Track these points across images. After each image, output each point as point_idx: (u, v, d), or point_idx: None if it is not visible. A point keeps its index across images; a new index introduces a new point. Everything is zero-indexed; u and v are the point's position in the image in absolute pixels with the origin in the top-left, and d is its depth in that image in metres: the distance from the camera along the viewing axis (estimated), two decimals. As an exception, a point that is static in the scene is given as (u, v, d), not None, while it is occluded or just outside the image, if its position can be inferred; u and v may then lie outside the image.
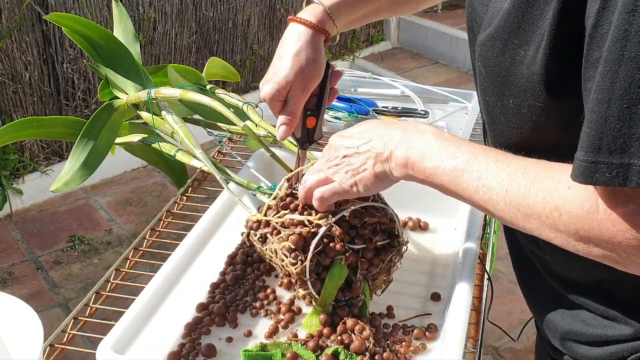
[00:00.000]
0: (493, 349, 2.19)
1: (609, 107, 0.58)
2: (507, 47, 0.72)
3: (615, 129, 0.58)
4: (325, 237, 0.87)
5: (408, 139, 0.78)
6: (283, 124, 0.97)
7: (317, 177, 0.86)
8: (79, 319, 0.96)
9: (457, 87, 1.65)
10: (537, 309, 0.91)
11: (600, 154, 0.59)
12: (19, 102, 2.73)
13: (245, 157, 1.22)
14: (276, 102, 0.97)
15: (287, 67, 0.95)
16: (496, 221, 1.18)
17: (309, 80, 0.97)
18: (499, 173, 0.70)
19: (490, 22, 0.76)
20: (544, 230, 0.67)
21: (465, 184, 0.72)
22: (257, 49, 3.50)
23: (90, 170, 1.13)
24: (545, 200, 0.65)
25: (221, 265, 1.02)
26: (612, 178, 0.58)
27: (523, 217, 0.68)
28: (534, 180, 0.67)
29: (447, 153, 0.75)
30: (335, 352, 0.83)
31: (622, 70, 0.57)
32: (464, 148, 0.74)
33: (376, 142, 0.81)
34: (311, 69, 0.96)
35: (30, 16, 2.63)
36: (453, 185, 0.74)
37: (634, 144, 0.57)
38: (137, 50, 1.27)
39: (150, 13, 2.98)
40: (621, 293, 0.78)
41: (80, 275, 2.50)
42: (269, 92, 0.96)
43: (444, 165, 0.74)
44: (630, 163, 0.57)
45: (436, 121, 1.42)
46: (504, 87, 0.75)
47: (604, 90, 0.59)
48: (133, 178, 3.10)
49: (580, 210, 0.63)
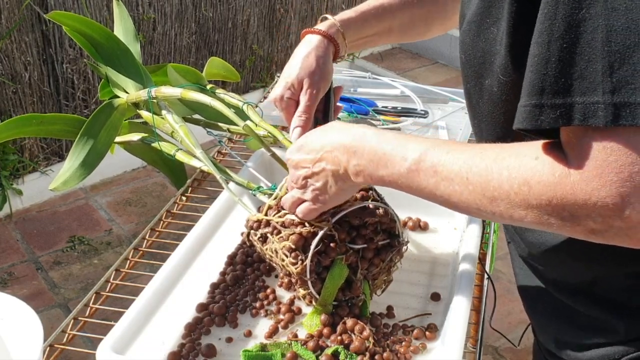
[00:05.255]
0: (493, 349, 2.19)
1: (549, 49, 0.58)
2: (480, 28, 0.73)
3: (556, 70, 0.58)
4: (325, 237, 0.87)
5: (353, 150, 0.77)
6: (298, 127, 0.98)
7: (292, 199, 0.87)
8: (79, 319, 0.96)
9: (456, 87, 1.64)
10: (533, 313, 0.92)
11: (544, 97, 0.59)
12: (18, 102, 2.73)
13: (245, 157, 1.22)
14: (288, 102, 0.98)
15: (297, 67, 0.97)
16: (496, 221, 1.18)
17: (319, 82, 0.98)
18: (455, 162, 0.68)
19: (468, 11, 0.77)
20: (514, 211, 0.64)
21: (425, 182, 0.71)
22: (257, 49, 3.50)
23: (89, 169, 1.13)
24: (512, 176, 0.63)
25: (221, 265, 1.02)
26: (556, 119, 0.58)
27: (490, 202, 0.66)
28: (494, 160, 0.65)
29: (397, 157, 0.73)
30: (335, 352, 0.83)
31: (559, 11, 0.57)
32: (411, 145, 0.72)
33: (326, 159, 0.80)
34: (321, 70, 0.98)
35: (30, 16, 2.63)
36: (414, 187, 0.73)
37: (575, 82, 0.57)
38: (137, 50, 1.27)
39: (150, 13, 2.98)
40: (612, 295, 0.78)
41: (80, 276, 2.50)
42: (281, 92, 0.98)
43: (398, 170, 0.73)
44: (573, 102, 0.57)
45: (436, 121, 1.42)
46: (481, 68, 0.75)
47: (543, 33, 0.59)
48: (133, 178, 3.10)
49: (552, 177, 0.60)
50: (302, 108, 0.98)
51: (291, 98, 0.98)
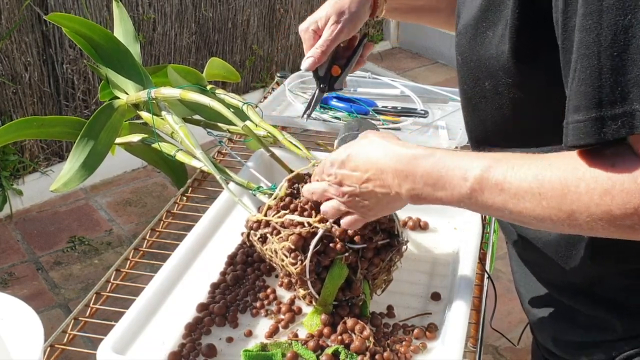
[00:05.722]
0: (493, 349, 2.19)
1: (600, 60, 0.57)
2: (477, 31, 0.74)
3: (611, 80, 0.57)
4: (325, 237, 0.87)
5: (404, 175, 0.73)
6: (310, 57, 1.01)
7: (334, 211, 0.83)
8: (80, 319, 0.96)
9: (456, 87, 1.64)
10: (531, 312, 0.92)
11: (603, 109, 0.57)
12: (18, 103, 2.73)
13: (245, 157, 1.22)
14: (311, 34, 1.01)
15: (329, 5, 1.00)
16: (496, 221, 1.18)
17: (346, 22, 1.00)
18: (523, 178, 0.64)
19: (464, 13, 0.78)
20: (595, 223, 0.61)
21: (490, 200, 0.67)
22: (257, 49, 3.50)
23: (90, 170, 1.13)
24: (590, 187, 0.60)
25: (221, 265, 1.02)
26: (618, 129, 0.57)
27: (568, 216, 0.63)
28: (565, 172, 0.62)
29: (455, 178, 0.69)
30: (336, 351, 0.83)
31: (604, 20, 0.57)
32: (469, 164, 0.68)
33: (374, 182, 0.76)
34: (350, 13, 0.99)
35: (30, 17, 2.63)
36: (478, 206, 0.69)
37: (632, 90, 0.56)
38: (137, 51, 1.27)
39: (150, 13, 2.98)
40: (610, 294, 0.78)
41: (81, 276, 2.50)
42: (307, 24, 1.01)
43: (458, 192, 0.69)
44: (633, 109, 0.56)
45: (436, 121, 1.43)
46: (478, 71, 0.75)
47: (590, 45, 0.58)
48: (133, 178, 3.10)
49: (634, 184, 0.58)
50: (321, 41, 1.00)
51: (315, 31, 1.01)
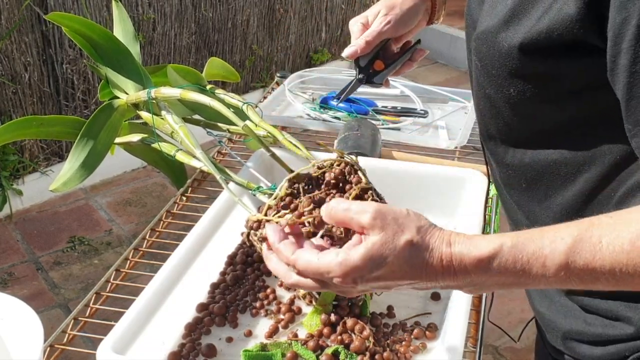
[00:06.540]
0: (493, 348, 2.19)
1: None
2: (497, 38, 0.73)
3: None
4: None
5: (473, 284, 0.66)
6: (353, 46, 1.02)
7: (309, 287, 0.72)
8: (79, 319, 0.96)
9: (456, 86, 1.65)
10: (539, 308, 0.91)
11: None
12: (18, 103, 2.73)
13: (245, 157, 1.22)
14: (359, 27, 1.02)
15: (381, 3, 1.02)
16: (496, 220, 1.18)
17: (395, 19, 1.01)
18: (615, 254, 0.59)
19: (485, 17, 0.77)
20: None
21: (579, 281, 0.62)
22: (257, 49, 3.50)
23: (89, 170, 1.13)
24: None
25: (221, 265, 1.02)
26: None
27: None
28: None
29: (532, 273, 0.62)
30: (336, 351, 0.83)
31: None
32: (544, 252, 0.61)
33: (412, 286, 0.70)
34: (401, 10, 1.01)
35: (30, 17, 2.63)
36: (565, 287, 0.64)
37: None
38: (137, 51, 1.27)
39: (150, 13, 2.98)
40: (622, 292, 0.77)
41: (81, 276, 2.50)
42: (358, 17, 1.02)
43: (537, 284, 0.63)
44: None
45: (436, 121, 1.43)
46: (501, 78, 0.75)
47: None
48: (133, 178, 3.10)
49: None
50: (367, 32, 1.01)
51: (364, 24, 1.02)
